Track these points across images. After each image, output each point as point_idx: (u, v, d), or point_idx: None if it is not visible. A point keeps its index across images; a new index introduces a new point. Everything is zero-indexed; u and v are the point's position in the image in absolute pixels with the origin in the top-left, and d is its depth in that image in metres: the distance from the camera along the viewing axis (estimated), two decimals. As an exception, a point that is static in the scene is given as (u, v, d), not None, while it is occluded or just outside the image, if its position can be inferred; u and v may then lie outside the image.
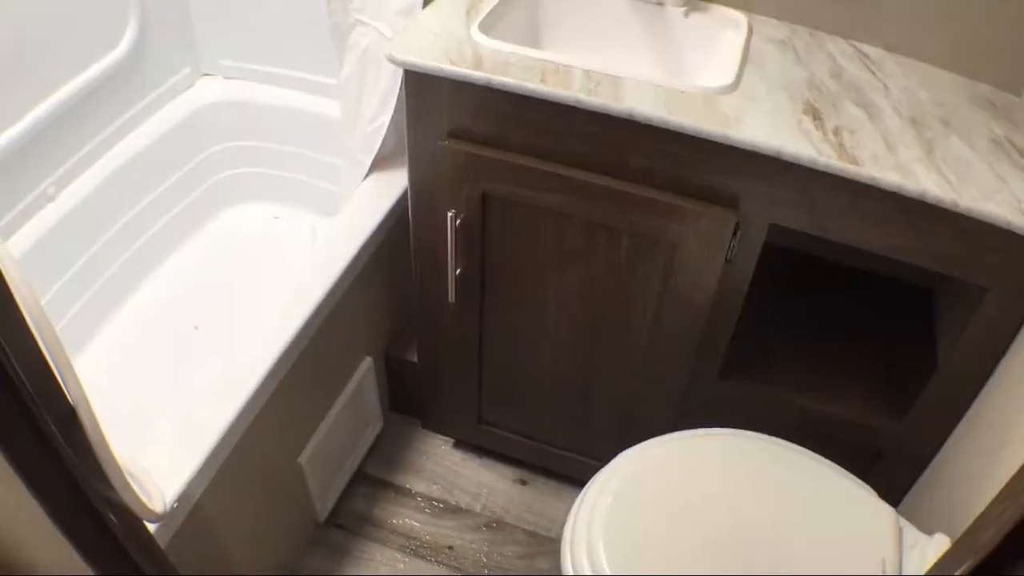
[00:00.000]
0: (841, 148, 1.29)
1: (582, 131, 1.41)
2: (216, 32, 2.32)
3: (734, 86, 1.42)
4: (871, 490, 1.41)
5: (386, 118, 1.82)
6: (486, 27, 1.51)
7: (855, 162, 1.27)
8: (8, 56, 1.80)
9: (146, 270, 2.27)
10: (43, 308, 0.83)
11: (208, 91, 2.38)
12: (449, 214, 1.55)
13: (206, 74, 2.42)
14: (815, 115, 1.37)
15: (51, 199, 1.99)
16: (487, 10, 1.56)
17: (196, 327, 2.15)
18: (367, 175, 1.93)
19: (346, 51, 1.85)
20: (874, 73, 1.53)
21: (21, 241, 1.89)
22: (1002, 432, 1.35)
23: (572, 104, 1.36)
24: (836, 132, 1.33)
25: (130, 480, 1.02)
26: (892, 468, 1.64)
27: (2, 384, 0.74)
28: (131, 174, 2.16)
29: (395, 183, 1.89)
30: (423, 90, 1.47)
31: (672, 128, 1.33)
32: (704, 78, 1.54)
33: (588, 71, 1.41)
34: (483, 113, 1.46)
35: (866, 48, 1.61)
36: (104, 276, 2.13)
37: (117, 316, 2.17)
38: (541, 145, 1.46)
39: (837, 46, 1.60)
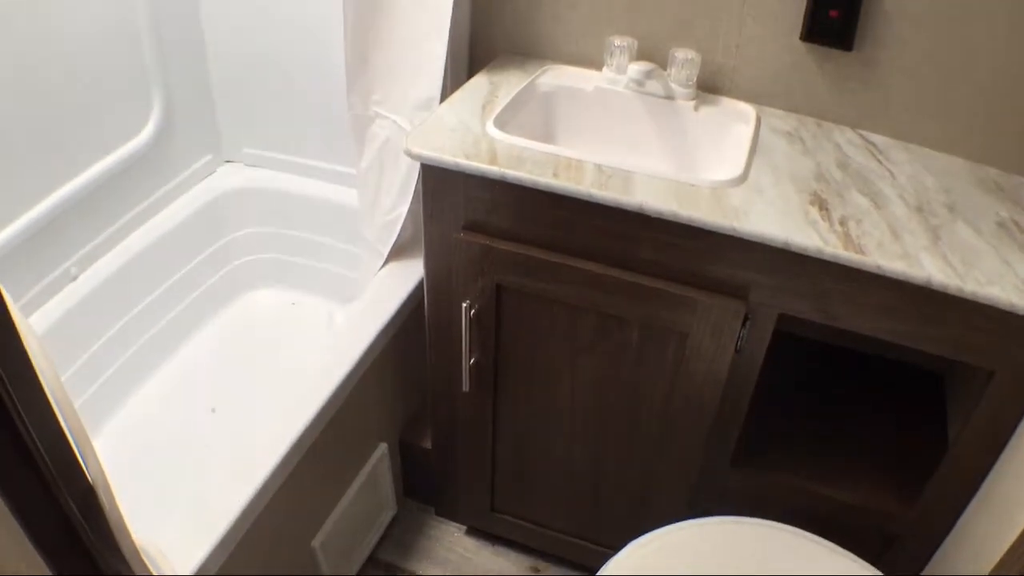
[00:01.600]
0: (847, 238, 1.31)
1: (594, 224, 1.43)
2: (238, 120, 2.38)
3: (742, 178, 1.45)
4: (882, 576, 1.40)
5: (403, 210, 1.85)
6: (501, 122, 1.55)
7: (861, 252, 1.29)
8: (36, 138, 1.85)
9: (165, 352, 2.29)
10: (64, 387, 0.85)
11: (230, 178, 2.43)
12: (464, 304, 1.57)
13: (228, 161, 2.47)
14: (822, 206, 1.39)
15: (73, 279, 2.02)
16: (502, 105, 1.61)
17: (213, 409, 2.17)
18: (384, 264, 1.95)
19: (365, 143, 1.90)
20: (881, 161, 1.56)
21: (42, 319, 1.92)
22: (1012, 512, 1.34)
23: (584, 198, 1.39)
24: (843, 222, 1.35)
25: (145, 559, 1.03)
26: (905, 552, 1.63)
27: (24, 461, 0.76)
28: (152, 257, 2.20)
29: (411, 272, 1.92)
30: (439, 183, 1.50)
31: (682, 221, 1.35)
32: (713, 170, 1.57)
33: (600, 165, 1.44)
34: (498, 206, 1.49)
35: (873, 137, 1.64)
36: (123, 357, 2.15)
37: (135, 397, 2.19)
38: (554, 238, 1.48)
39: (844, 135, 1.64)
